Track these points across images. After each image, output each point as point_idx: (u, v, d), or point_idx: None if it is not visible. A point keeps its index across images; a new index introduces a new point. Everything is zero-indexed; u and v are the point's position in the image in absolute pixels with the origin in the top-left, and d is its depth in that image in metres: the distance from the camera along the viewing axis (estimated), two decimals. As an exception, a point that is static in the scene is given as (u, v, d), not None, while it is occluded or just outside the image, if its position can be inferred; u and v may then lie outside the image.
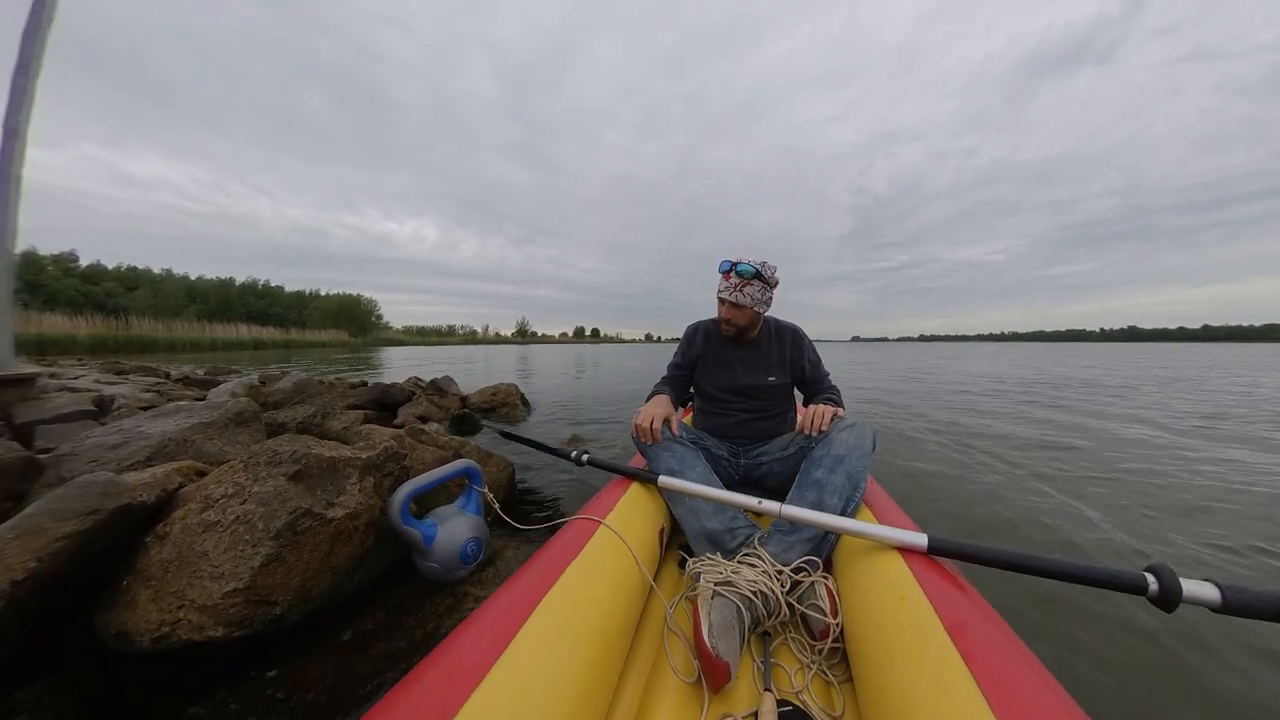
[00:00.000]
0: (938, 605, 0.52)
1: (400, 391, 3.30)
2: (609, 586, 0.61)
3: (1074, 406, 4.04)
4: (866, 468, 0.86)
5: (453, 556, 0.96)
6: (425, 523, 0.97)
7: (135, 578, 0.78)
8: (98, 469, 1.16)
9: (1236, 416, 3.52)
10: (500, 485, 1.48)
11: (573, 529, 0.70)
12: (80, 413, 2.13)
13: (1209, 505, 1.69)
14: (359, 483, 0.94)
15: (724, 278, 1.11)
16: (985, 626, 0.48)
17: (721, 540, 0.84)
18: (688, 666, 0.63)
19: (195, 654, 0.73)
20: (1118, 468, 2.16)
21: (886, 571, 0.62)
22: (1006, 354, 19.09)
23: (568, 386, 5.72)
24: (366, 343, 45.80)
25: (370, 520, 0.94)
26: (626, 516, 0.78)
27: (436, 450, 1.39)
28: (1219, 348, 39.30)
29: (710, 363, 1.23)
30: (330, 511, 0.86)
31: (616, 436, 2.83)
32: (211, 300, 43.90)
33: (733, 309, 1.11)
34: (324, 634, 0.84)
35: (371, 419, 2.85)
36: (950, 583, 0.57)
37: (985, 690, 0.41)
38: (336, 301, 57.09)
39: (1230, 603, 0.49)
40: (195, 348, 23.36)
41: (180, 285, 42.86)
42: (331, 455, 0.93)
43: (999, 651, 0.45)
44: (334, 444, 1.03)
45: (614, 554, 0.67)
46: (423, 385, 3.93)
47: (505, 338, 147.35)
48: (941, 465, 2.21)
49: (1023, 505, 1.68)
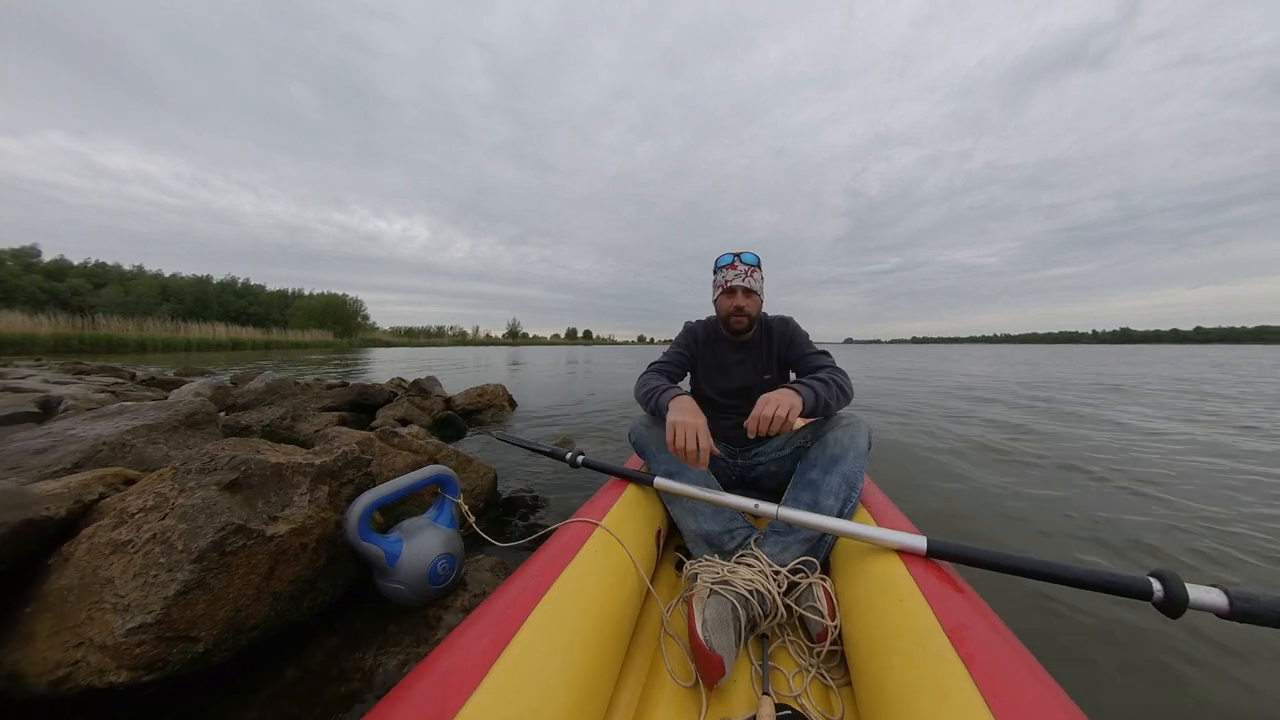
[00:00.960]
0: (937, 608, 0.52)
1: (380, 392, 3.13)
2: (605, 589, 0.60)
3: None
4: (863, 468, 0.85)
5: (420, 576, 0.85)
6: (389, 538, 0.86)
7: (37, 607, 0.65)
8: (14, 476, 1.01)
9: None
10: (481, 493, 1.36)
11: (568, 531, 0.69)
12: (23, 415, 1.93)
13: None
14: (310, 493, 0.81)
15: (729, 268, 1.09)
16: (986, 630, 0.48)
17: (720, 542, 0.83)
18: (685, 670, 0.62)
19: (101, 701, 0.60)
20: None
21: (885, 574, 0.61)
22: (1006, 356, 19.40)
23: (557, 387, 5.59)
24: (352, 344, 44.69)
25: (324, 536, 0.82)
26: (623, 518, 0.76)
27: (410, 455, 1.27)
28: (1215, 349, 40.20)
29: (709, 365, 1.21)
30: (271, 527, 0.74)
31: (607, 436, 2.72)
32: (187, 299, 42.38)
33: (746, 295, 1.08)
34: (264, 673, 0.71)
35: (347, 421, 2.69)
36: (950, 585, 0.56)
37: (986, 694, 0.40)
38: (320, 301, 55.77)
39: (1238, 609, 0.48)
40: (168, 348, 22.39)
41: (153, 283, 41.27)
42: (278, 461, 0.81)
43: (1000, 655, 0.44)
44: (288, 448, 0.91)
45: (610, 556, 0.66)
46: (405, 386, 3.77)
47: (496, 339, 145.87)
48: (955, 470, 2.16)
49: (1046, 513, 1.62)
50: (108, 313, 25.07)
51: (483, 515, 1.36)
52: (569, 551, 0.62)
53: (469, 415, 3.26)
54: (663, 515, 0.91)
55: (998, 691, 0.40)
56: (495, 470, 1.45)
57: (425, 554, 0.86)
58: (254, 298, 54.90)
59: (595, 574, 0.61)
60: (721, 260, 1.11)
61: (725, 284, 1.09)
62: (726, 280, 1.09)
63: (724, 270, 1.10)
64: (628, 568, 0.67)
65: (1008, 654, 0.44)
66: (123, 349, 20.37)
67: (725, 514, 0.86)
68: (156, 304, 37.08)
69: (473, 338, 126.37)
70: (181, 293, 42.53)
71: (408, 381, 4.05)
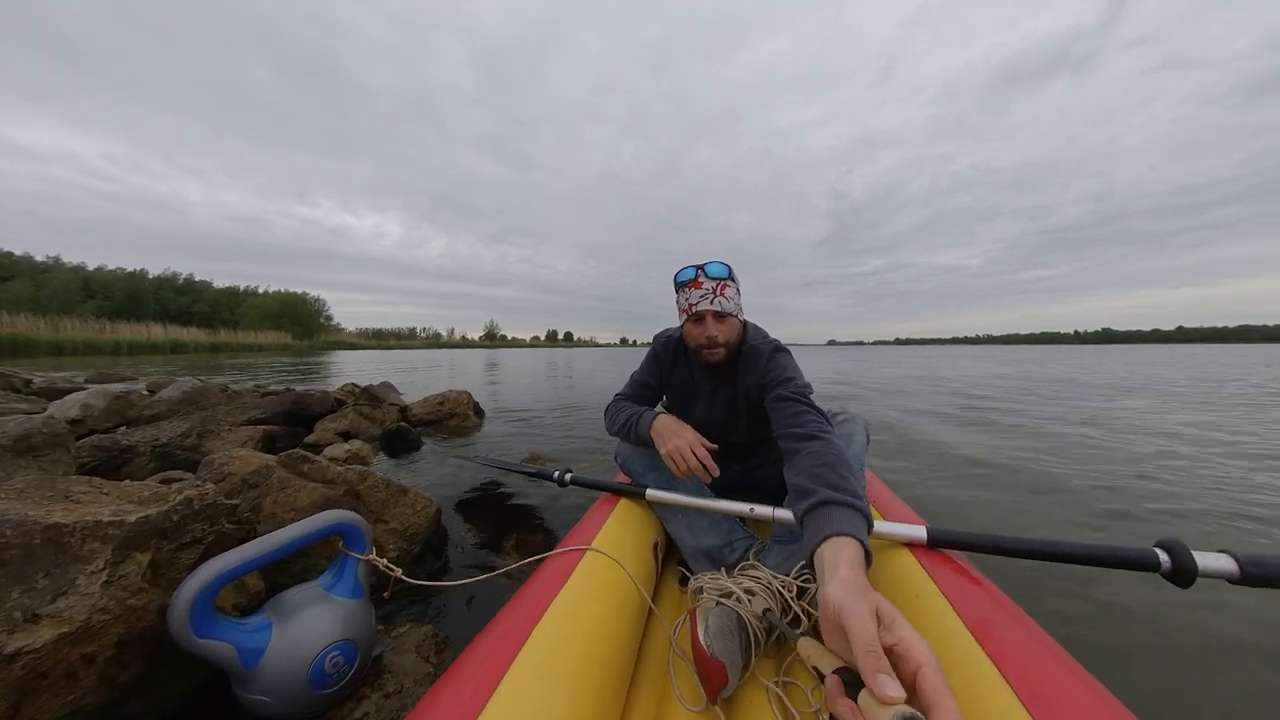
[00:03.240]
0: (956, 602, 0.50)
1: (321, 401, 2.73)
2: (604, 613, 0.56)
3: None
4: (862, 465, 0.82)
5: (296, 680, 0.58)
6: (248, 624, 0.58)
7: None
8: None
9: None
10: (416, 534, 1.08)
11: (559, 558, 0.65)
12: None
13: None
14: (110, 569, 0.53)
15: (691, 286, 0.85)
16: (1009, 622, 0.46)
17: (720, 556, 0.80)
18: (696, 694, 0.59)
19: None
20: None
21: (896, 569, 0.60)
22: (1003, 356, 19.46)
23: (534, 393, 5.25)
24: (313, 346, 41.76)
25: (136, 633, 0.54)
26: (617, 534, 0.73)
27: (319, 489, 0.98)
28: (1201, 349, 40.73)
29: (678, 393, 1.02)
30: (20, 636, 0.45)
31: (601, 452, 2.46)
32: (117, 295, 38.24)
33: (716, 321, 0.85)
34: None
35: (276, 436, 2.29)
36: (964, 577, 0.54)
37: (1021, 694, 0.38)
38: (277, 300, 52.03)
39: (1249, 574, 0.48)
40: (91, 350, 19.88)
41: (73, 276, 36.92)
42: (57, 521, 0.52)
43: (1030, 651, 0.42)
44: (93, 489, 0.62)
45: (607, 577, 0.62)
46: (355, 393, 3.35)
47: (473, 341, 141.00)
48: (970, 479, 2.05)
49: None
50: (13, 309, 22.05)
51: (418, 562, 1.08)
52: (560, 577, 0.58)
53: (427, 427, 2.91)
54: (659, 528, 0.87)
55: (1033, 690, 0.38)
56: (437, 505, 1.17)
57: (306, 645, 0.59)
58: (199, 295, 50.42)
59: (592, 598, 0.57)
60: (681, 276, 0.87)
61: (690, 308, 0.86)
62: (691, 304, 0.85)
63: (686, 289, 0.86)
64: (627, 588, 0.63)
65: (1037, 649, 0.42)
66: (31, 351, 17.84)
67: (723, 526, 0.82)
68: (78, 300, 33.12)
69: (447, 339, 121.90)
70: (110, 288, 38.25)
71: (360, 388, 3.62)
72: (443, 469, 2.02)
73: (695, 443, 0.81)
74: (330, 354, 22.85)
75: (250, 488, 1.03)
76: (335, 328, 64.16)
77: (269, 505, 0.95)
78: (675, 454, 0.81)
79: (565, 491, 1.33)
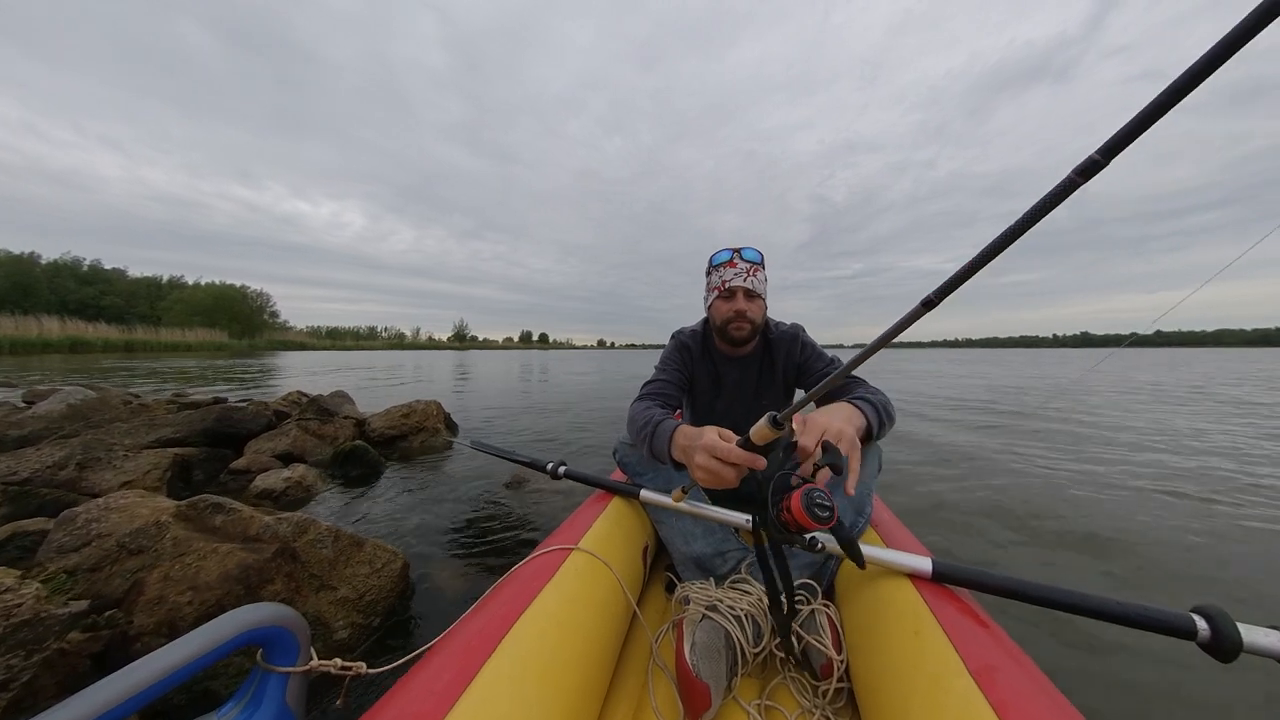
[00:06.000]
0: (958, 643, 0.47)
1: (254, 415, 2.30)
2: (587, 615, 0.55)
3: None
4: (871, 490, 0.81)
5: None
6: None
7: None
8: None
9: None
10: (374, 603, 0.82)
11: (544, 555, 0.61)
12: None
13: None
14: None
15: (727, 266, 0.95)
16: (1016, 671, 0.43)
17: (711, 565, 0.78)
18: (673, 710, 0.57)
19: None
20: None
21: (897, 601, 0.57)
22: (1004, 359, 19.82)
23: (509, 400, 4.89)
24: (254, 346, 37.67)
25: None
26: (607, 534, 0.72)
27: (238, 551, 0.70)
28: (1185, 353, 41.28)
29: (703, 385, 1.05)
30: None
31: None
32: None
33: (747, 299, 0.94)
34: None
35: (191, 461, 1.87)
36: (970, 617, 0.52)
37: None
38: (210, 293, 46.74)
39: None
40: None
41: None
42: None
43: (1038, 706, 0.39)
44: None
45: (593, 577, 0.61)
46: (300, 404, 2.90)
47: (440, 342, 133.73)
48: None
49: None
50: None
51: (384, 638, 0.83)
52: (543, 577, 0.56)
53: (389, 444, 2.54)
54: (650, 530, 0.86)
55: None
56: (404, 557, 0.91)
57: None
58: (108, 285, 44.21)
59: (575, 598, 0.55)
60: (718, 257, 0.97)
61: (723, 285, 0.94)
62: (725, 280, 0.94)
63: (720, 269, 0.96)
64: (613, 592, 0.62)
65: (1046, 705, 0.39)
66: None
67: (717, 535, 0.81)
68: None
69: (412, 340, 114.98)
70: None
71: (307, 397, 3.15)
72: (412, 497, 1.72)
73: (719, 448, 0.60)
74: (275, 355, 20.55)
75: (130, 555, 0.74)
76: (282, 325, 58.73)
77: (154, 584, 0.67)
78: (708, 470, 0.59)
79: (563, 502, 1.27)
